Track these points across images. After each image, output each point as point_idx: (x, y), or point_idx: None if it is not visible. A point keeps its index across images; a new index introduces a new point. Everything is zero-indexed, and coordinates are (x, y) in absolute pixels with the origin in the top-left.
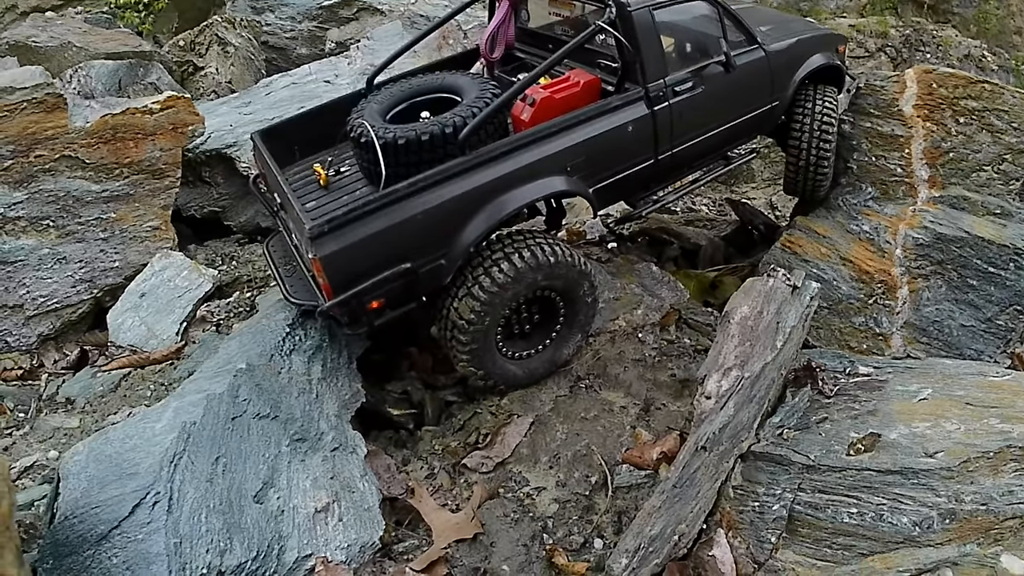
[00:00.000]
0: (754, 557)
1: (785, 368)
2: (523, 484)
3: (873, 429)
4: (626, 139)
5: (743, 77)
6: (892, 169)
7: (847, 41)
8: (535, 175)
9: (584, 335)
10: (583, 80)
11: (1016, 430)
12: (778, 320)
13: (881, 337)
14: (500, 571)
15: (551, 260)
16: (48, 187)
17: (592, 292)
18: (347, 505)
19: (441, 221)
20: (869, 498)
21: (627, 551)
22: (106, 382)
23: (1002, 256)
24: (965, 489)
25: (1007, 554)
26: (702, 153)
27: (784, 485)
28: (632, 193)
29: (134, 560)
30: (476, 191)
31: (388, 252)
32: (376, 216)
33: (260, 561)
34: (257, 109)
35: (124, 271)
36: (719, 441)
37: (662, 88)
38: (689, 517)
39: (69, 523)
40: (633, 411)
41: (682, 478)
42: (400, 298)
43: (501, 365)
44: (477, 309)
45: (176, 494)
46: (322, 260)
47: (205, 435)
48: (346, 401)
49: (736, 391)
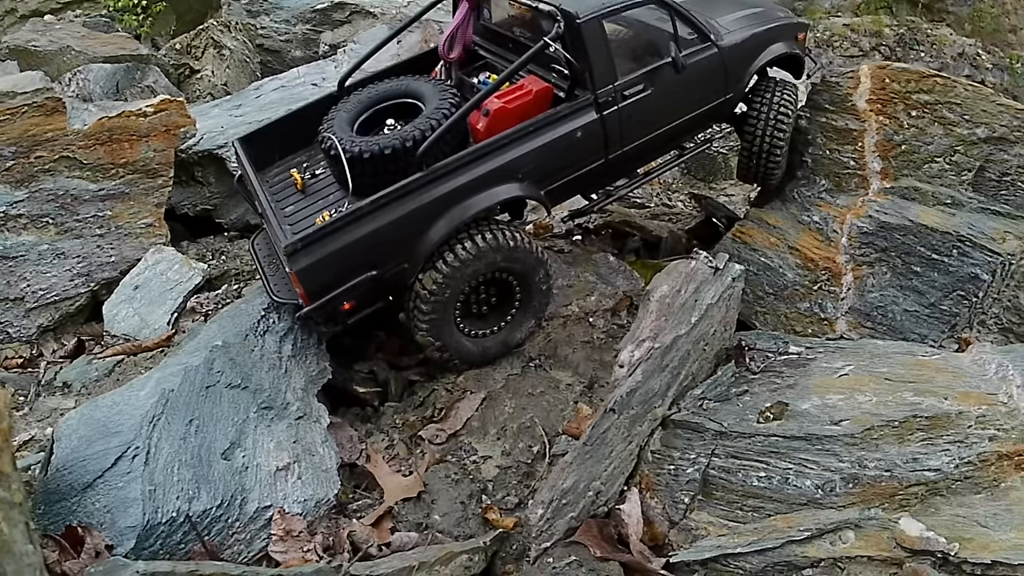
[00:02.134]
0: (669, 517)
1: (708, 344)
2: (471, 453)
3: (788, 400)
4: (576, 144)
5: (695, 75)
6: (845, 162)
7: (807, 28)
8: (489, 184)
9: (537, 321)
10: (536, 89)
11: (926, 402)
12: (696, 298)
13: (826, 322)
14: (438, 525)
15: (511, 244)
16: (48, 186)
17: (547, 280)
18: (306, 466)
19: (403, 231)
20: (776, 463)
21: (542, 502)
22: (101, 368)
23: (945, 243)
24: (869, 456)
25: (906, 518)
26: (653, 149)
27: (698, 450)
28: (585, 189)
29: (114, 504)
30: (434, 202)
31: (356, 262)
32: (344, 232)
33: (224, 509)
34: (247, 111)
35: (119, 265)
36: (628, 405)
37: (611, 93)
38: (604, 475)
39: (60, 475)
40: (578, 388)
41: (592, 437)
42: (369, 299)
43: (457, 340)
44: (439, 280)
45: (153, 449)
46: (297, 274)
47: (181, 400)
48: (313, 376)
49: (645, 360)
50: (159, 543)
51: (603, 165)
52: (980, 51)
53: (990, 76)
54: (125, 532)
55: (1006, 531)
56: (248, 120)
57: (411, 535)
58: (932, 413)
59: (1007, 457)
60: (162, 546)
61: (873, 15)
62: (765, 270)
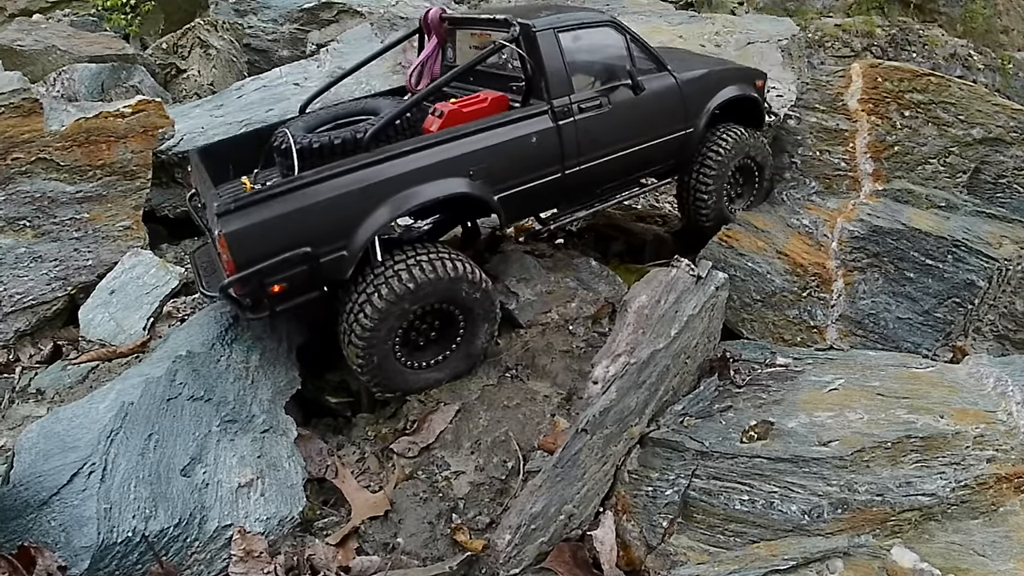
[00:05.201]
0: (647, 541)
1: (690, 357)
2: (444, 468)
3: (774, 418)
4: (530, 149)
5: (653, 100)
6: (836, 163)
7: (765, 77)
8: (436, 175)
9: (483, 352)
10: (491, 97)
11: (920, 420)
12: (676, 309)
13: (815, 330)
14: (404, 546)
15: (451, 275)
16: (24, 188)
17: (493, 311)
18: (271, 482)
19: (342, 210)
20: (761, 486)
21: (510, 527)
22: (75, 374)
23: (940, 248)
24: (859, 479)
25: (898, 546)
26: (613, 173)
27: (678, 471)
28: (541, 208)
29: (69, 523)
30: (377, 185)
31: (290, 235)
32: (281, 200)
33: (182, 528)
34: (229, 111)
35: (97, 269)
36: (602, 424)
37: (567, 104)
38: (576, 498)
39: (16, 491)
40: (556, 400)
41: (563, 459)
42: (302, 285)
43: (392, 370)
44: (374, 315)
45: (110, 465)
46: (227, 236)
47: (141, 414)
48: (281, 387)
49: (620, 376)
50: (115, 564)
51: (559, 181)
52: (972, 52)
53: (982, 77)
54: (80, 552)
55: (1005, 561)
56: (229, 120)
57: (372, 559)
58: (927, 433)
59: (1006, 479)
60: (118, 567)
61: (865, 15)
62: (752, 276)
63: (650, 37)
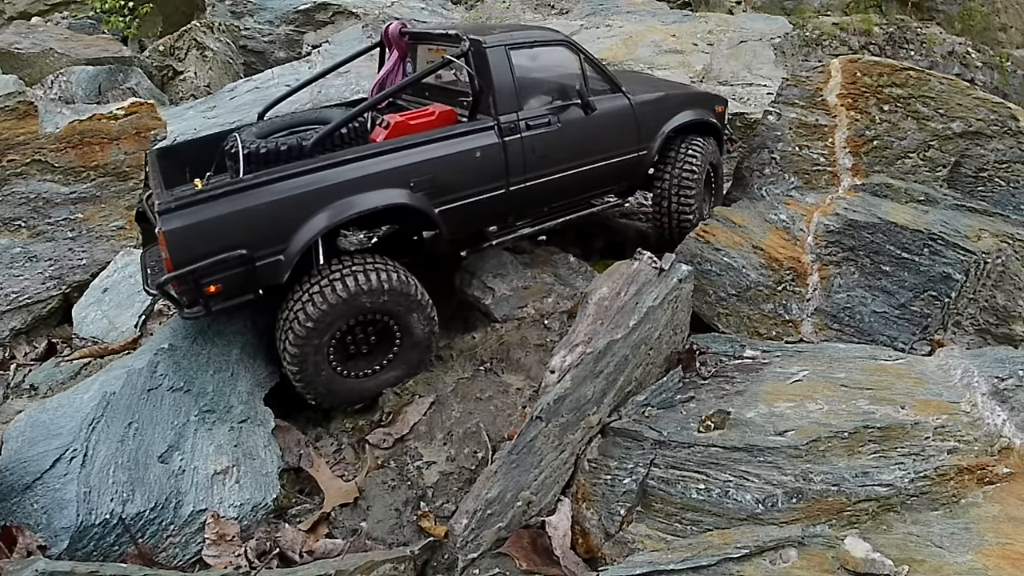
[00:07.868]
0: (605, 528)
1: (653, 348)
2: (417, 458)
3: (733, 408)
4: (474, 164)
5: (605, 120)
6: (815, 159)
7: (726, 103)
8: (376, 185)
9: (421, 362)
10: (439, 110)
11: (880, 411)
12: (636, 301)
13: (791, 324)
14: (370, 531)
15: (385, 286)
16: (20, 190)
17: (429, 323)
18: (246, 470)
19: (281, 214)
20: (717, 474)
21: (466, 512)
22: (67, 371)
23: (916, 242)
24: (815, 469)
25: (852, 536)
26: (560, 191)
27: (636, 460)
28: (485, 223)
29: (51, 506)
30: (315, 191)
31: (228, 236)
32: (221, 201)
33: (158, 511)
34: (221, 113)
35: (91, 268)
36: (557, 412)
37: (515, 121)
38: (534, 485)
39: (2, 476)
40: (528, 392)
41: (518, 446)
42: (238, 287)
43: (327, 380)
44: (308, 323)
45: (91, 451)
46: (166, 234)
47: (122, 403)
48: (261, 380)
49: (576, 366)
50: (92, 544)
51: (503, 197)
52: (970, 49)
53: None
54: (59, 533)
55: (962, 552)
56: (221, 121)
57: (336, 542)
58: (886, 423)
59: (968, 471)
60: (95, 547)
61: (863, 14)
62: (728, 270)
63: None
